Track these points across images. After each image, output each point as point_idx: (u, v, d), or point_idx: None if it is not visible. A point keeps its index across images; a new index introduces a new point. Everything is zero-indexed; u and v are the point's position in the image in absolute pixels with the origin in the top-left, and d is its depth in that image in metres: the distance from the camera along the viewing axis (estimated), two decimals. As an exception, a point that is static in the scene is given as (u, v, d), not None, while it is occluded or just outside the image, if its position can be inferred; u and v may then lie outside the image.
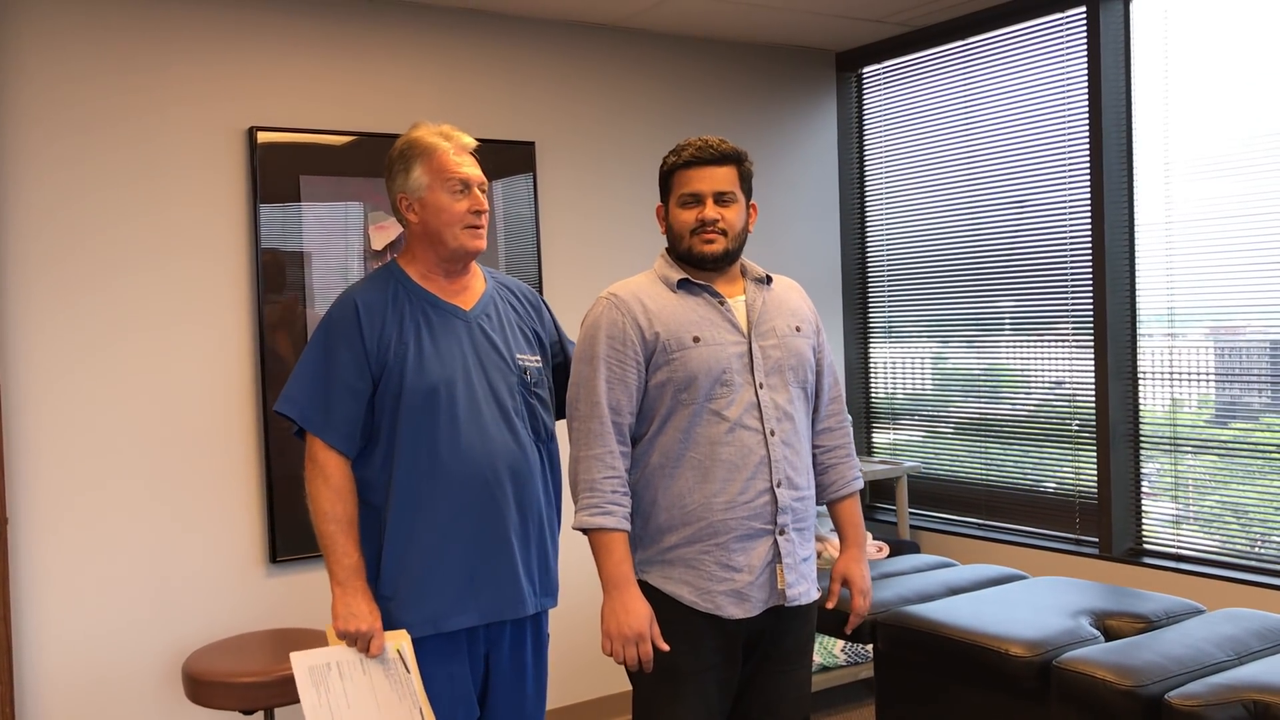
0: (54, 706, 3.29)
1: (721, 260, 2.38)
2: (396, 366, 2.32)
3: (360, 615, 2.30)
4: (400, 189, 2.39)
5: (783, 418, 2.37)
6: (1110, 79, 3.91)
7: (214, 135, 3.54)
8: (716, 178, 2.37)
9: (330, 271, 3.69)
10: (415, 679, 2.35)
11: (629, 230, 4.34)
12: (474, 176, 2.39)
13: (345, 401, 2.32)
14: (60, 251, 3.31)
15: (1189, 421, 3.81)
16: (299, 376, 2.34)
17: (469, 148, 2.42)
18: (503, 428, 2.40)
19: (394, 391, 2.32)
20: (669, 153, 2.43)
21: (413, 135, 2.39)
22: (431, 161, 2.36)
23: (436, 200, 2.35)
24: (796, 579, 2.37)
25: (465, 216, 2.36)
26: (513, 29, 4.08)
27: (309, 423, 2.32)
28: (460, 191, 2.36)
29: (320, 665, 2.33)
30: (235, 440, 3.56)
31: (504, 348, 2.45)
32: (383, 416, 2.34)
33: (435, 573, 2.34)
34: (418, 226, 2.39)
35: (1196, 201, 3.71)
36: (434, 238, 2.38)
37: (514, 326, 2.50)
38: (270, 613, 3.62)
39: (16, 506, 3.23)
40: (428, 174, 2.36)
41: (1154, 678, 2.33)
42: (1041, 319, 4.21)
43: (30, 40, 3.27)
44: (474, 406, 2.37)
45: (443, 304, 2.41)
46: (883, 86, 4.81)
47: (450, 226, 2.36)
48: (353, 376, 2.31)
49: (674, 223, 2.40)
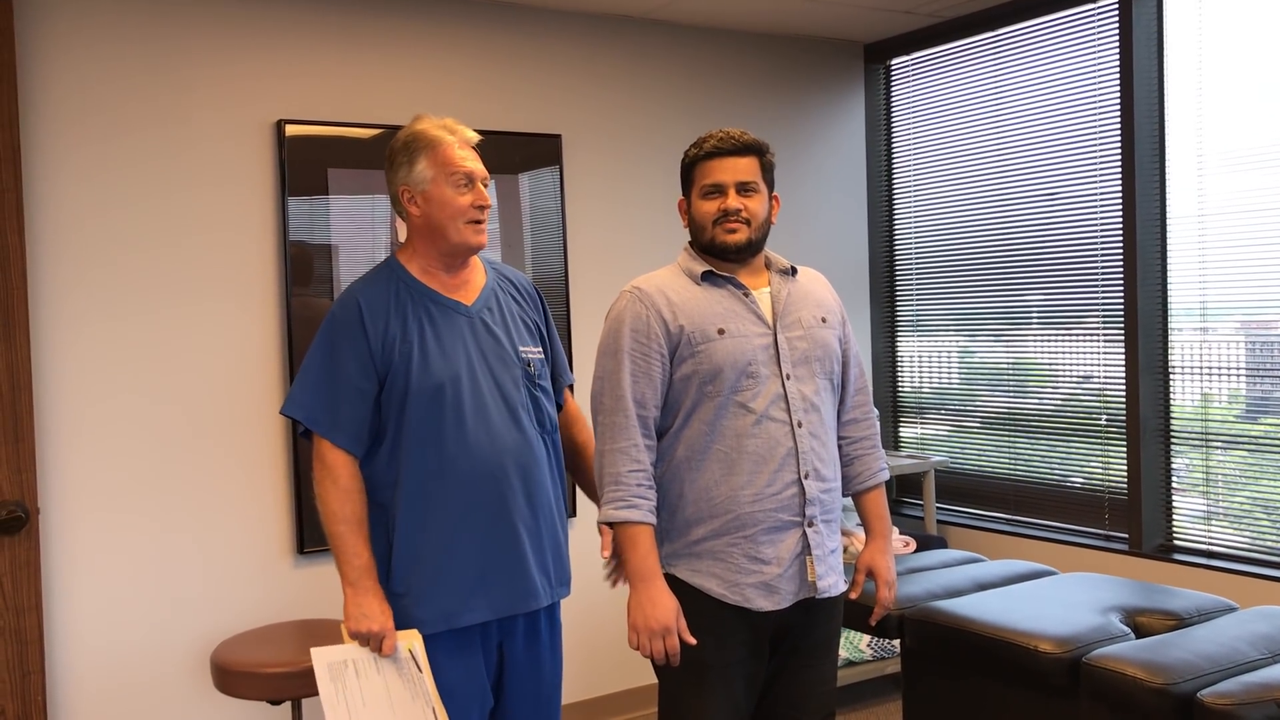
0: (84, 696, 3.33)
1: (745, 250, 2.38)
2: (401, 365, 2.31)
3: (372, 615, 2.30)
4: (403, 181, 2.36)
5: (809, 409, 2.36)
6: (1143, 69, 3.86)
7: (243, 129, 3.55)
8: (739, 168, 2.36)
9: (357, 264, 3.70)
10: (427, 677, 2.36)
11: (655, 223, 4.33)
12: (478, 171, 2.37)
13: (352, 402, 2.31)
14: (91, 246, 3.33)
15: (1220, 416, 3.77)
16: (305, 378, 2.33)
17: (472, 142, 2.40)
18: (509, 422, 2.39)
19: (399, 390, 2.31)
20: (690, 146, 2.43)
21: (416, 128, 2.37)
22: (436, 155, 2.34)
23: (440, 194, 2.33)
24: (826, 570, 2.36)
25: (468, 211, 2.35)
26: (539, 21, 4.08)
27: (317, 424, 2.31)
28: (464, 185, 2.34)
29: (338, 662, 2.34)
30: (263, 432, 3.58)
31: (507, 341, 2.44)
32: (389, 415, 2.33)
33: (447, 569, 2.34)
34: (419, 220, 2.37)
35: (1230, 194, 3.66)
36: (436, 232, 2.36)
37: (516, 319, 2.49)
38: (298, 603, 3.64)
39: (47, 497, 3.26)
40: (431, 167, 2.34)
41: (1186, 675, 2.31)
42: (1071, 313, 4.17)
43: (59, 39, 3.29)
44: (480, 402, 2.36)
45: (444, 300, 2.39)
46: (911, 78, 4.78)
47: (453, 220, 2.34)
48: (358, 376, 2.30)
49: (696, 214, 2.40)
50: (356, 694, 2.34)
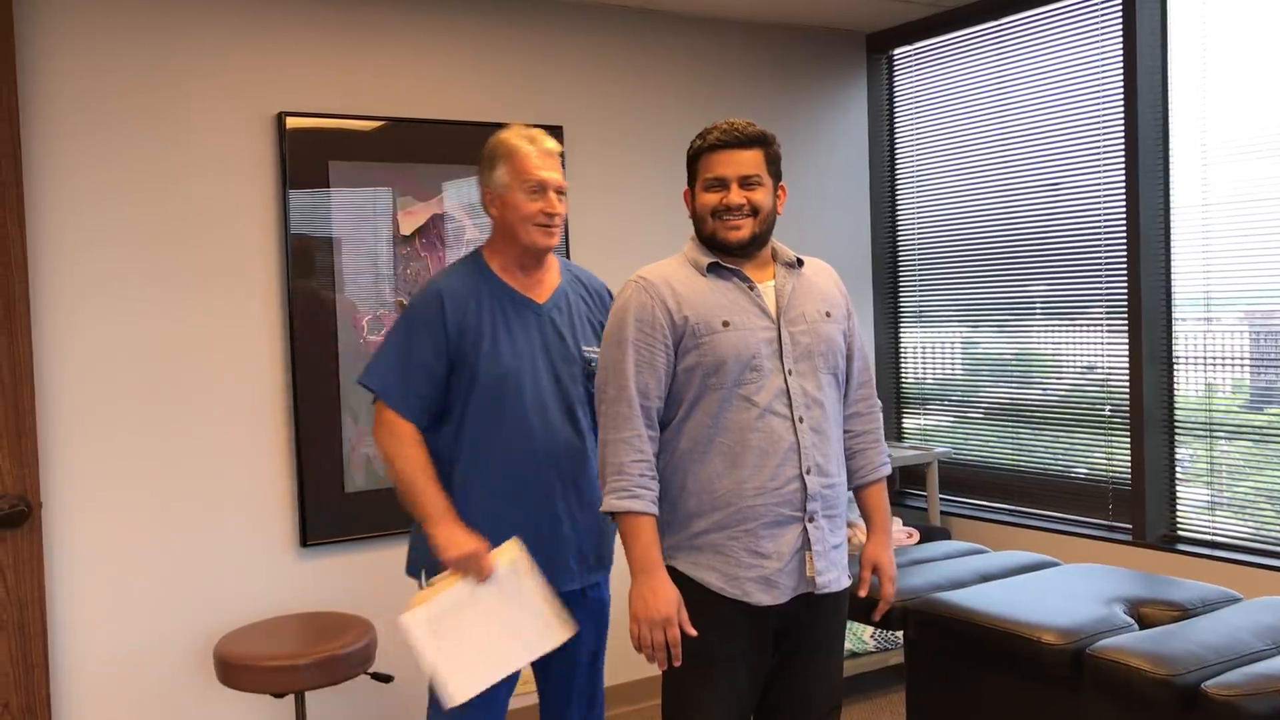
0: (88, 689, 3.33)
1: (748, 245, 2.37)
2: (472, 354, 2.51)
3: (463, 540, 2.44)
4: (486, 184, 2.58)
5: (811, 404, 2.35)
6: (1146, 59, 3.85)
7: (243, 121, 3.55)
8: (742, 161, 2.35)
9: (359, 257, 3.69)
10: (533, 580, 2.48)
11: (658, 213, 4.32)
12: (551, 180, 2.55)
13: (421, 380, 2.51)
14: (93, 239, 3.33)
15: (1224, 407, 3.76)
16: (382, 353, 2.54)
17: (552, 152, 2.58)
18: (563, 415, 2.59)
19: (468, 376, 2.51)
20: (696, 136, 2.42)
21: (501, 136, 2.57)
22: (514, 163, 2.54)
23: (514, 199, 2.53)
24: (826, 566, 2.35)
25: (537, 215, 2.53)
26: (541, 13, 4.06)
27: (387, 395, 2.50)
28: (536, 192, 2.53)
29: (432, 616, 2.44)
30: (266, 425, 3.58)
31: (571, 340, 2.63)
32: (456, 397, 2.53)
33: (493, 543, 2.49)
34: (498, 220, 2.58)
35: (1234, 184, 3.65)
36: (510, 232, 2.56)
37: (582, 319, 2.68)
38: (301, 597, 3.64)
39: (50, 491, 3.26)
40: (509, 174, 2.54)
41: (1190, 666, 2.30)
42: (1075, 303, 4.16)
43: (59, 30, 3.28)
44: (539, 394, 2.56)
45: (519, 296, 2.59)
46: (914, 68, 4.76)
47: (524, 223, 2.54)
48: (430, 358, 2.50)
49: (698, 206, 2.39)
50: (457, 641, 2.44)
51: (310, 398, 3.61)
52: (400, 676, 3.77)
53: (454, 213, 3.86)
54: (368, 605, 3.74)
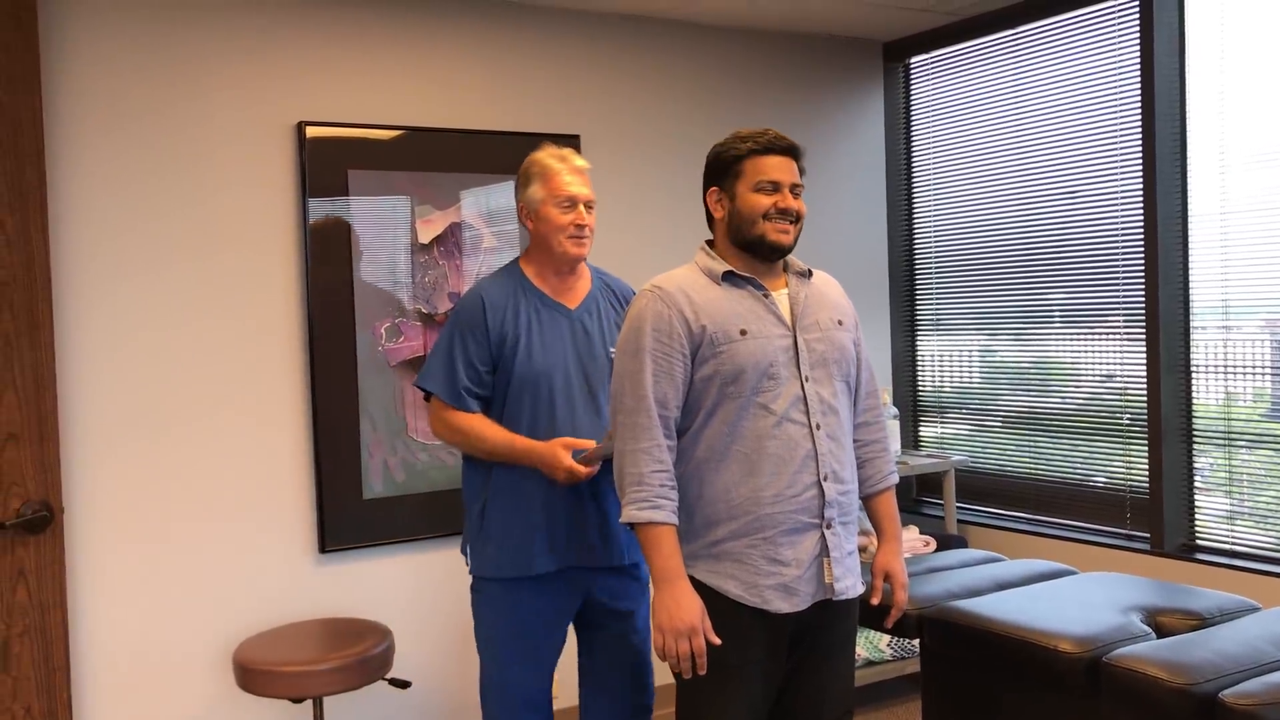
0: (109, 692, 3.36)
1: (788, 251, 2.40)
2: (510, 353, 2.73)
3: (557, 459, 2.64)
4: (523, 200, 2.81)
5: (827, 411, 2.36)
6: (1164, 66, 3.84)
7: (264, 130, 3.58)
8: (791, 169, 2.40)
9: (378, 265, 3.71)
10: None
11: (673, 222, 4.33)
12: (581, 195, 2.77)
13: (469, 377, 2.75)
14: (112, 246, 3.36)
15: (1243, 415, 3.74)
16: (434, 356, 2.78)
17: (582, 170, 2.80)
18: (591, 412, 2.79)
19: (506, 374, 2.74)
20: (733, 139, 2.41)
21: (535, 155, 2.81)
22: (546, 180, 2.76)
23: (547, 213, 2.75)
24: (843, 572, 2.36)
25: (568, 227, 2.75)
26: (557, 22, 4.08)
27: (442, 392, 2.75)
28: (567, 207, 2.75)
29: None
30: (285, 432, 3.60)
31: (600, 343, 2.82)
32: (497, 392, 2.77)
33: (525, 526, 2.73)
34: (533, 232, 2.80)
35: (1253, 191, 3.63)
36: (544, 243, 2.78)
37: (611, 324, 2.87)
38: (319, 602, 3.66)
39: (71, 497, 3.29)
40: (543, 190, 2.76)
41: (1208, 676, 2.29)
42: (1092, 311, 4.15)
43: (81, 40, 3.32)
44: (569, 393, 2.76)
45: (552, 302, 2.80)
46: (930, 77, 4.76)
47: (556, 235, 2.75)
48: (476, 358, 2.74)
49: (745, 207, 2.38)
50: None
51: (329, 404, 3.63)
52: (418, 683, 3.79)
53: (472, 221, 3.88)
54: (386, 611, 3.75)
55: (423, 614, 3.81)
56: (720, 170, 2.42)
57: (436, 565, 3.83)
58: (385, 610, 3.75)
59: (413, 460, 3.76)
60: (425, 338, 3.79)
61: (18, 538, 2.87)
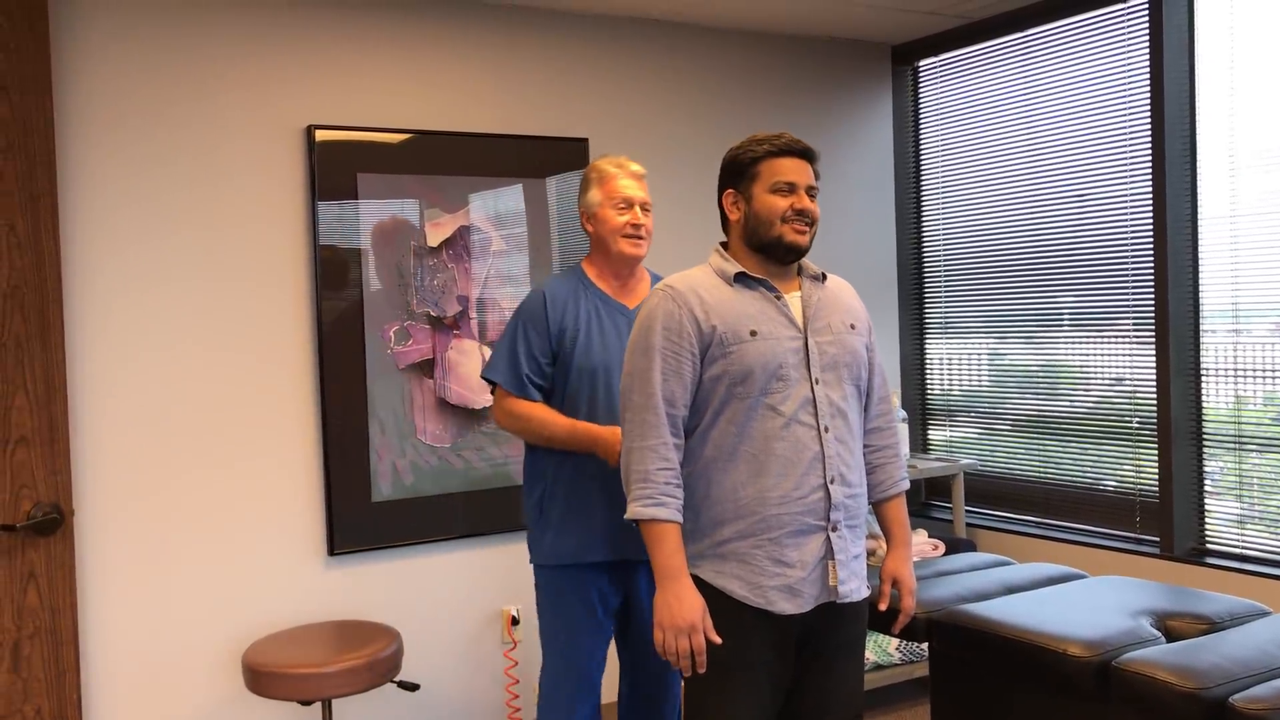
0: (118, 695, 3.37)
1: (804, 252, 2.41)
2: (569, 347, 2.86)
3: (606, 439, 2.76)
4: (583, 205, 2.96)
5: (836, 414, 2.36)
6: (1173, 69, 3.83)
7: (273, 134, 3.59)
8: (808, 172, 2.42)
9: (387, 268, 3.72)
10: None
11: (683, 224, 4.34)
12: (636, 197, 2.91)
13: (532, 369, 2.88)
14: (122, 248, 3.37)
15: (1254, 419, 3.73)
16: (498, 350, 2.92)
17: (637, 174, 2.94)
18: None
19: (565, 366, 2.87)
20: (749, 142, 2.43)
21: (595, 163, 2.96)
22: (604, 184, 2.92)
23: (605, 215, 2.90)
24: (848, 575, 2.36)
25: (624, 228, 2.89)
26: (566, 26, 4.09)
27: (506, 383, 2.88)
28: (623, 208, 2.89)
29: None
30: (295, 435, 3.61)
31: None
32: (555, 384, 2.90)
33: (580, 515, 2.86)
34: (593, 235, 2.94)
35: (1263, 194, 3.62)
36: (603, 245, 2.92)
37: None
38: (329, 605, 3.67)
39: (82, 499, 3.31)
40: (601, 194, 2.91)
41: (1217, 680, 2.29)
42: (1101, 314, 4.14)
43: (92, 43, 3.33)
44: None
45: (611, 301, 2.94)
46: (939, 79, 4.76)
47: (613, 235, 2.89)
48: (537, 350, 2.87)
49: (762, 208, 2.39)
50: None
51: (338, 407, 3.64)
52: (427, 685, 3.79)
53: (480, 224, 3.89)
54: (395, 614, 3.76)
55: (432, 617, 3.82)
56: (736, 172, 2.43)
57: (445, 568, 3.84)
58: (394, 613, 3.76)
59: (421, 463, 3.77)
60: (434, 341, 3.80)
61: (28, 540, 2.88)
